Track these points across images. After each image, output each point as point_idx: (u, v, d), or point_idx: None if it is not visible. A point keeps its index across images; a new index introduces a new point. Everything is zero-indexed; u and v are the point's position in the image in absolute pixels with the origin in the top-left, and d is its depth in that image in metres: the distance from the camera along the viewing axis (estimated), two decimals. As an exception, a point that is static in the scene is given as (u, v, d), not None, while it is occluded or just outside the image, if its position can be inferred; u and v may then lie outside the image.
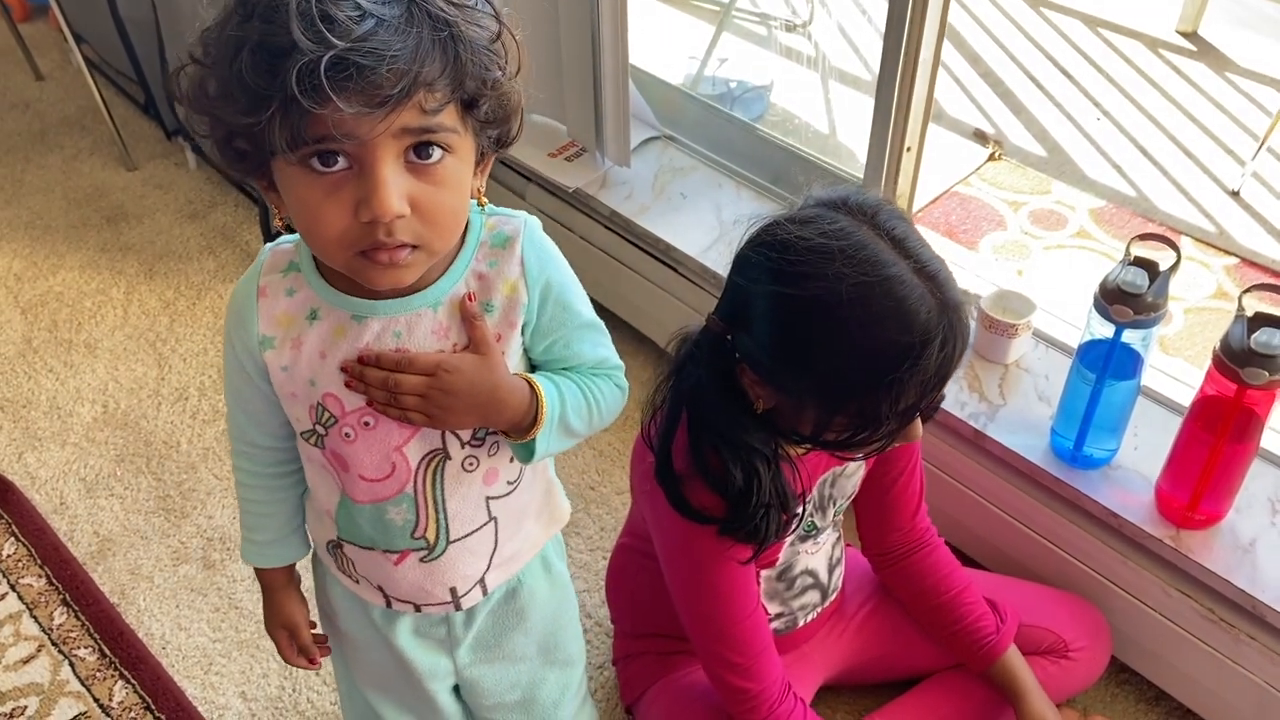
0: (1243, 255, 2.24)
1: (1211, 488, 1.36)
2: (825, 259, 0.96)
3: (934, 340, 0.97)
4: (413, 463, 0.94)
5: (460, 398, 0.87)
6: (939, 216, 2.34)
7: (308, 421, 0.94)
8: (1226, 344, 1.27)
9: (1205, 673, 1.42)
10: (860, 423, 1.02)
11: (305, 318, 0.90)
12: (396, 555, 0.99)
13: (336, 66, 0.70)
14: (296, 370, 0.91)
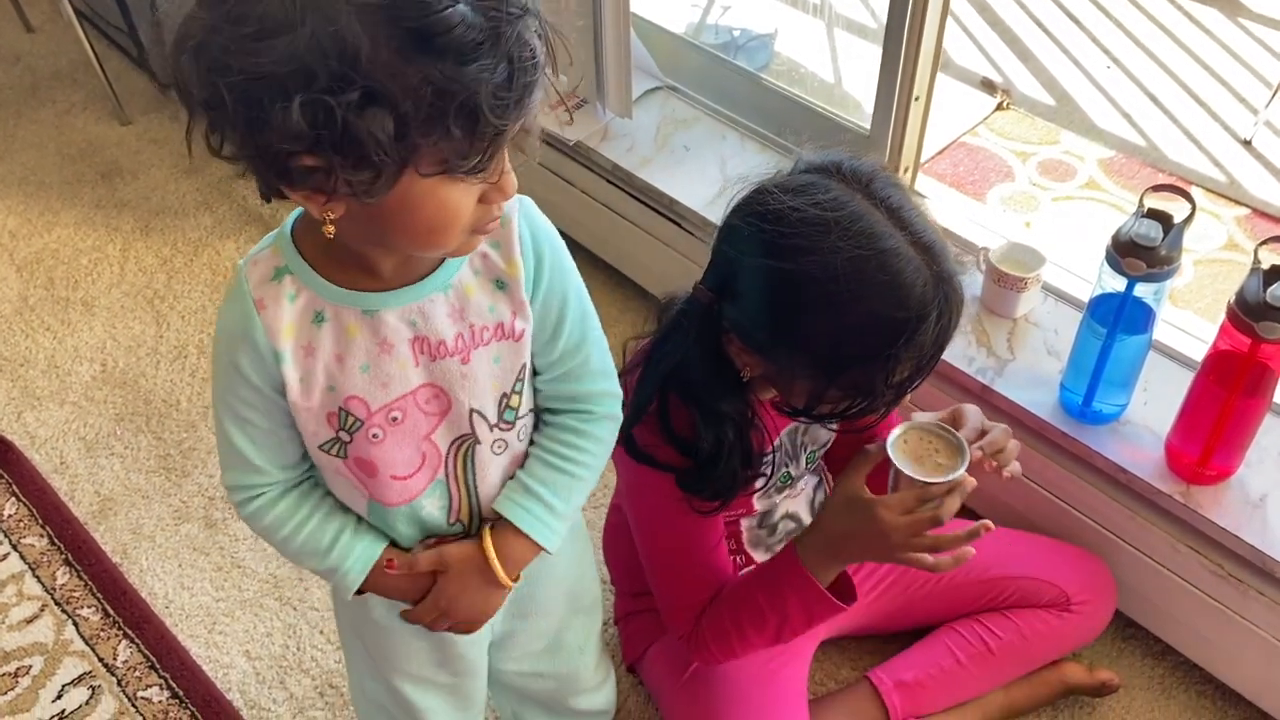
0: (1254, 206, 2.20)
1: (1223, 443, 1.34)
2: (820, 231, 0.94)
3: (930, 314, 0.95)
4: (443, 449, 0.93)
5: (469, 600, 0.98)
6: (946, 168, 2.30)
7: (327, 431, 0.90)
8: (1241, 298, 1.24)
9: (1212, 628, 1.41)
10: (855, 395, 1.00)
11: (312, 322, 0.87)
12: (435, 540, 0.99)
13: (526, 88, 0.73)
14: (312, 379, 0.88)
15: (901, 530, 1.03)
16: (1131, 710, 1.48)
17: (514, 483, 0.98)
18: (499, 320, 0.90)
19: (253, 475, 0.94)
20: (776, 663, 1.32)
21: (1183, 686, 1.50)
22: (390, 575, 0.97)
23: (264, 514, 0.96)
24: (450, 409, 0.91)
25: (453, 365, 0.90)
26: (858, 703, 1.40)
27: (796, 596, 1.11)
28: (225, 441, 0.93)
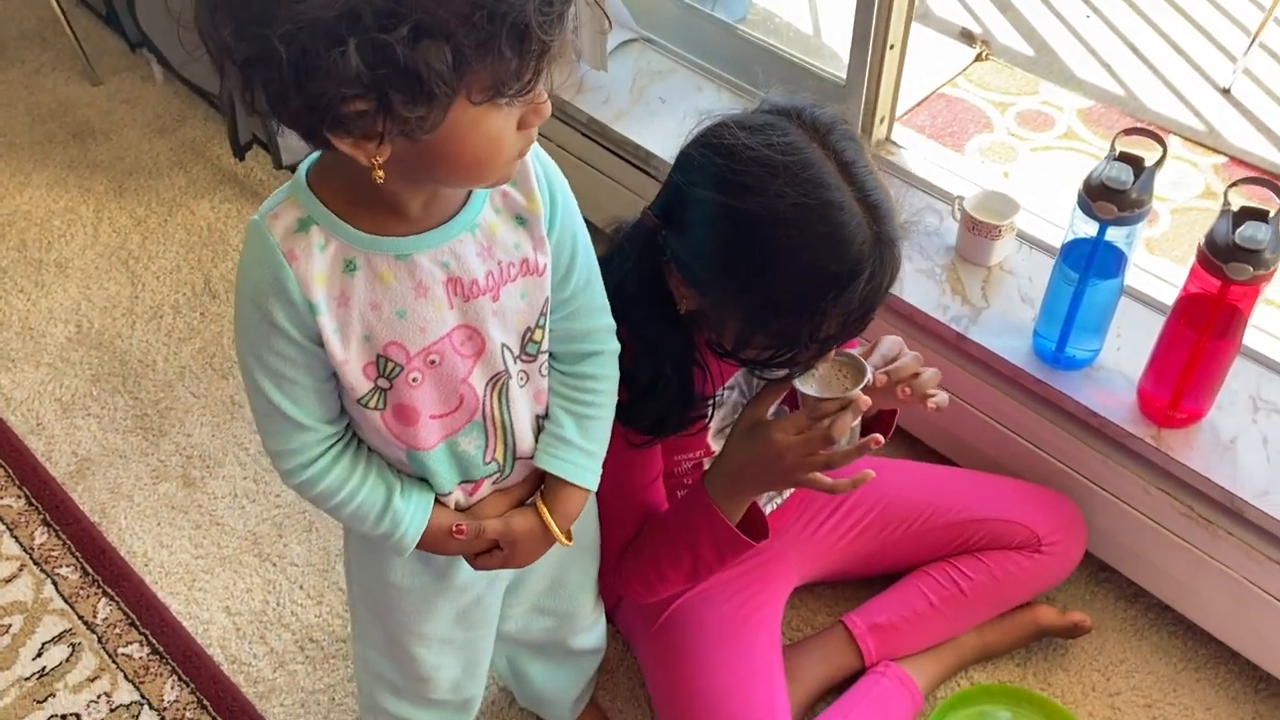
0: (1232, 154, 2.20)
1: (1193, 386, 1.35)
2: (768, 173, 0.94)
3: (863, 273, 0.95)
4: (479, 390, 0.94)
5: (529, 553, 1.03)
6: (925, 119, 2.29)
7: (366, 382, 0.90)
8: (1211, 240, 1.25)
9: (1183, 569, 1.42)
10: (779, 345, 1.00)
11: (344, 271, 0.85)
12: (473, 485, 1.00)
13: None
14: (349, 329, 0.87)
15: (795, 449, 1.04)
16: (1104, 651, 1.50)
17: (548, 438, 1.01)
18: (524, 256, 0.91)
19: (299, 435, 0.92)
20: (749, 607, 1.33)
21: (1154, 628, 1.52)
22: (456, 539, 1.00)
23: (316, 483, 0.95)
24: (484, 349, 0.92)
25: (485, 304, 0.90)
26: (832, 647, 1.41)
27: (707, 533, 1.12)
28: (266, 405, 0.91)
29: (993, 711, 1.44)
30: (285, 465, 0.94)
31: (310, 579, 1.61)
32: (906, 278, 1.56)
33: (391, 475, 0.98)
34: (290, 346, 0.87)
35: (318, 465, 0.94)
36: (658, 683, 1.34)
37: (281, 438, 0.93)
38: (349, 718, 1.47)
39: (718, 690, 1.25)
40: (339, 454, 0.95)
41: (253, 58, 0.70)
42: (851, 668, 1.41)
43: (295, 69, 0.69)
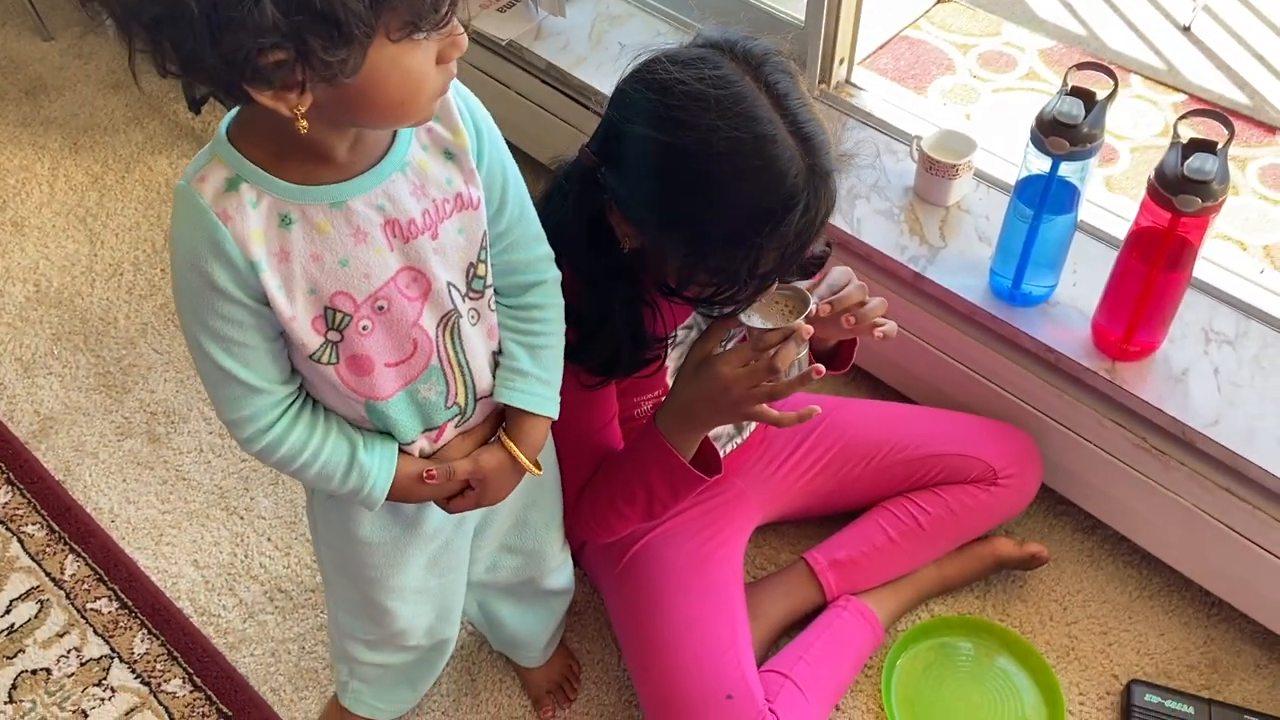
0: (1191, 92, 2.21)
1: (1146, 319, 1.37)
2: (700, 107, 0.93)
3: (797, 205, 0.95)
4: (432, 332, 0.94)
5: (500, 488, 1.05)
6: (887, 62, 2.29)
7: (317, 337, 0.89)
8: (1161, 172, 1.25)
9: (1137, 499, 1.45)
10: (720, 281, 1.01)
11: (279, 226, 0.84)
12: (436, 432, 1.00)
13: None
14: (293, 285, 0.86)
15: (741, 381, 1.06)
16: (1061, 581, 1.53)
17: (504, 372, 1.02)
18: (457, 191, 0.91)
19: (254, 399, 0.91)
20: (710, 546, 1.35)
21: (1110, 558, 1.56)
22: (428, 484, 1.00)
23: (278, 446, 0.94)
24: (430, 288, 0.92)
25: (425, 242, 0.90)
26: (794, 583, 1.44)
27: (659, 470, 1.14)
28: (217, 373, 0.89)
29: (953, 642, 1.47)
30: (244, 433, 0.93)
31: (278, 531, 1.62)
32: (865, 218, 1.58)
33: (352, 430, 0.98)
34: (235, 308, 0.86)
35: (277, 428, 0.93)
36: (622, 622, 1.36)
37: (236, 404, 0.91)
38: (320, 665, 1.48)
39: (680, 626, 1.27)
40: (296, 414, 0.94)
41: (161, 16, 0.69)
42: (813, 603, 1.44)
43: (208, 24, 0.68)
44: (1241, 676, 1.44)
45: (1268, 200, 2.00)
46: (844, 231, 1.57)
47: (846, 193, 1.62)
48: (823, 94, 1.77)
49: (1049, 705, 1.40)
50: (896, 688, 1.42)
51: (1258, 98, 2.18)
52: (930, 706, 1.41)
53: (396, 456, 0.98)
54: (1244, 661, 1.45)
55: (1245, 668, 1.45)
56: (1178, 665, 1.45)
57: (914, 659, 1.45)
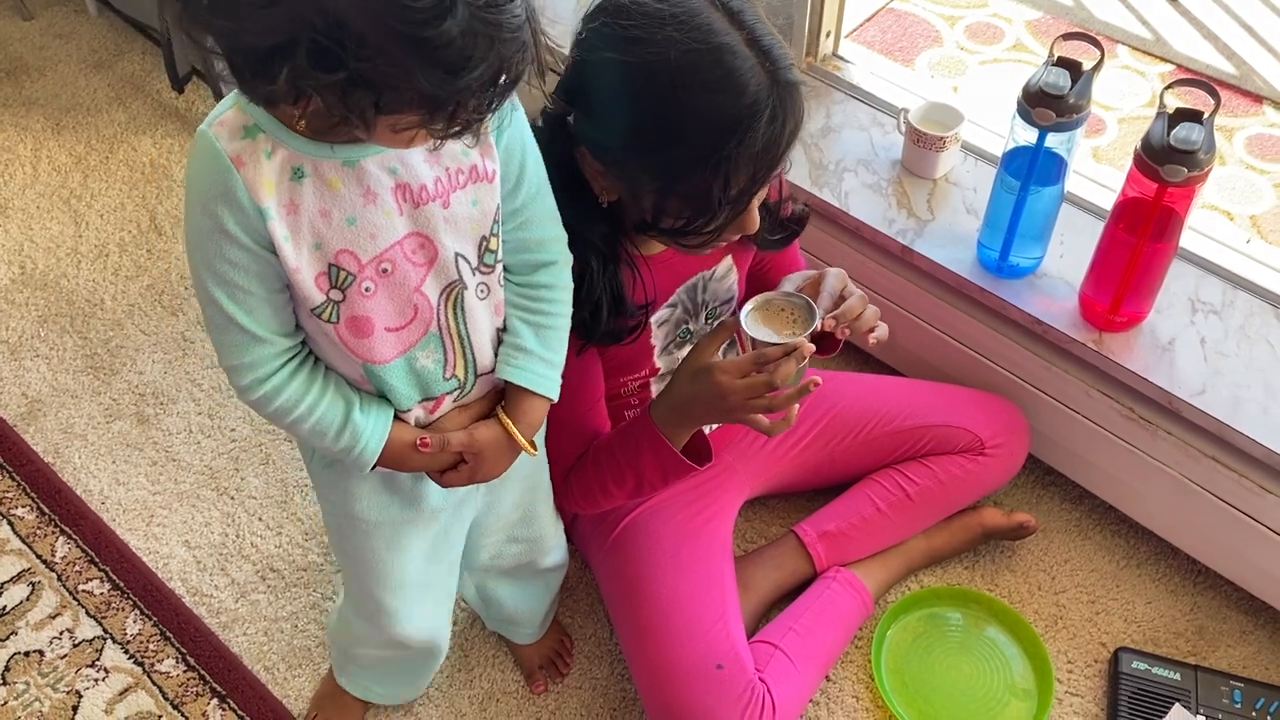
0: (1179, 62, 2.21)
1: (1133, 289, 1.37)
2: (656, 23, 0.94)
3: (762, 113, 0.94)
4: (433, 300, 0.94)
5: (495, 464, 1.03)
6: (875, 34, 2.28)
7: (319, 294, 0.89)
8: (1147, 142, 1.26)
9: (1125, 469, 1.46)
10: (695, 208, 1.00)
11: (291, 179, 0.85)
12: (433, 403, 1.00)
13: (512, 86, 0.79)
14: (300, 237, 0.86)
15: (738, 393, 1.06)
16: (1049, 551, 1.54)
17: (507, 349, 1.02)
18: (472, 163, 0.91)
19: (255, 348, 0.91)
20: (700, 519, 1.36)
21: (1098, 528, 1.57)
22: (421, 452, 1.00)
23: (274, 397, 0.93)
24: (437, 256, 0.92)
25: (435, 210, 0.90)
26: (784, 555, 1.45)
27: (651, 458, 1.15)
28: (221, 318, 0.89)
29: (942, 613, 1.48)
30: (242, 380, 0.93)
31: (268, 511, 1.62)
32: (852, 192, 1.58)
33: (350, 390, 0.98)
34: (242, 254, 0.86)
35: (275, 379, 0.93)
36: (613, 595, 1.36)
37: (237, 351, 0.91)
38: (313, 643, 1.49)
39: (670, 598, 1.28)
40: (296, 368, 0.94)
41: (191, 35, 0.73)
42: (803, 575, 1.44)
43: (230, 67, 0.74)
44: (1228, 643, 1.45)
45: (1254, 170, 2.00)
46: (832, 205, 1.57)
47: (834, 166, 1.62)
48: (809, 67, 1.76)
49: (1038, 674, 1.42)
50: (886, 658, 1.43)
51: (1244, 67, 2.18)
52: (920, 676, 1.42)
53: (391, 421, 0.98)
54: (1230, 628, 1.47)
55: (1231, 634, 1.46)
56: (1165, 633, 1.46)
57: (903, 629, 1.46)
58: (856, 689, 1.42)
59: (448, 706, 1.43)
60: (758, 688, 1.25)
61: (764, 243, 1.20)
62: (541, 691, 1.43)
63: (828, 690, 1.42)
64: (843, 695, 1.41)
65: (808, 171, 1.61)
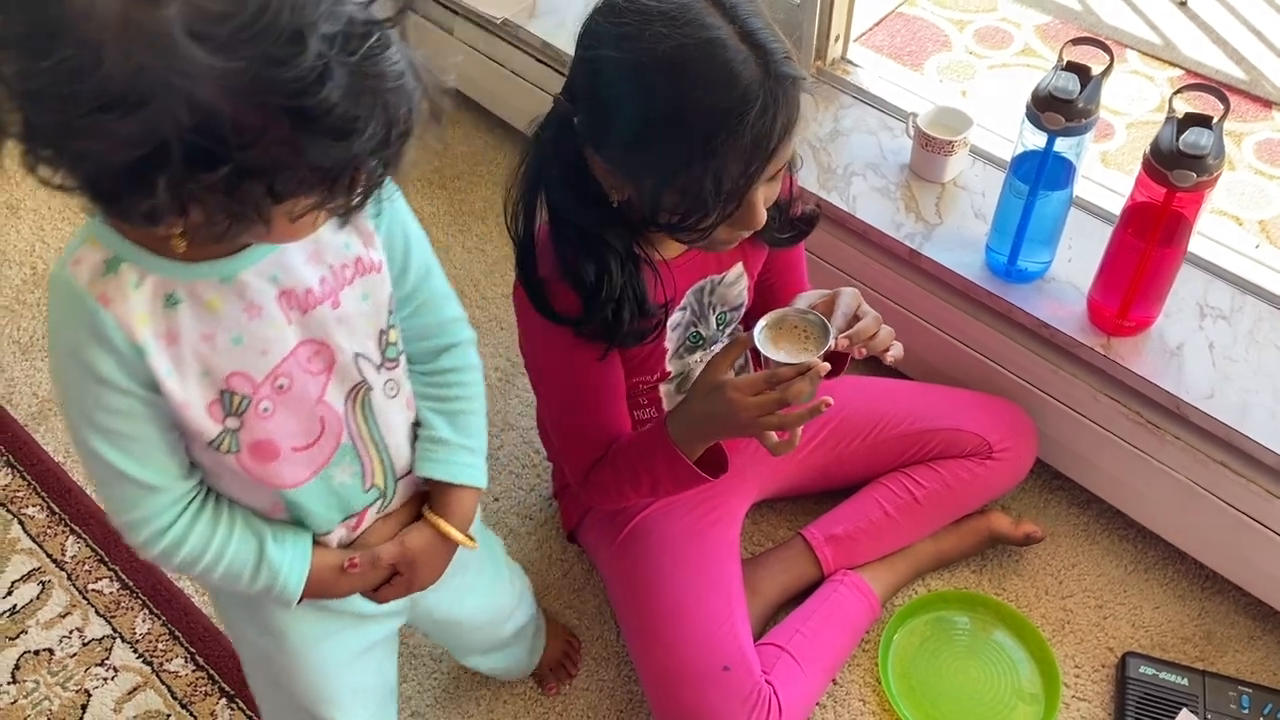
0: (1188, 67, 2.21)
1: (1141, 294, 1.37)
2: (646, 19, 0.94)
3: (752, 105, 0.94)
4: (339, 408, 0.88)
5: (432, 568, 0.99)
6: (883, 39, 2.28)
7: (214, 424, 0.82)
8: (1156, 147, 1.26)
9: (1133, 474, 1.46)
10: (687, 204, 0.99)
11: (165, 306, 0.77)
12: (356, 519, 0.95)
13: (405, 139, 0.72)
14: (184, 368, 0.79)
15: (751, 410, 1.06)
16: (1057, 556, 1.54)
17: (424, 444, 0.96)
18: (355, 255, 0.86)
19: (150, 499, 0.83)
20: (707, 521, 1.36)
21: (1105, 532, 1.56)
22: (350, 575, 0.93)
23: (178, 549, 0.86)
24: (335, 361, 0.86)
25: (325, 312, 0.84)
26: (791, 558, 1.45)
27: (667, 470, 1.15)
28: (107, 471, 0.82)
29: (949, 617, 1.48)
30: (139, 535, 0.85)
31: (278, 511, 1.62)
32: (861, 195, 1.58)
33: (259, 523, 0.90)
34: (122, 399, 0.79)
35: (176, 528, 0.85)
36: (620, 597, 1.36)
37: (130, 505, 0.84)
38: (321, 644, 1.49)
39: (677, 600, 1.28)
40: (197, 512, 0.86)
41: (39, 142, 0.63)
42: (811, 578, 1.45)
43: (94, 196, 0.64)
44: (1235, 648, 1.45)
45: (1263, 175, 2.00)
46: (840, 209, 1.57)
47: (842, 170, 1.62)
48: (819, 71, 1.77)
49: (1045, 678, 1.42)
50: (893, 662, 1.43)
51: (1254, 72, 2.18)
52: (927, 680, 1.42)
53: (311, 549, 0.92)
54: (1238, 634, 1.46)
55: (1239, 640, 1.46)
56: (1172, 638, 1.46)
57: (910, 633, 1.46)
58: (863, 692, 1.42)
59: (454, 708, 1.43)
60: (764, 690, 1.25)
61: (774, 241, 1.21)
62: (555, 693, 1.43)
63: (834, 693, 1.42)
64: (849, 698, 1.42)
65: (816, 175, 1.61)
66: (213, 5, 0.60)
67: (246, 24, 0.60)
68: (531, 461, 1.68)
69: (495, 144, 2.13)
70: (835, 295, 1.14)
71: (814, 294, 1.16)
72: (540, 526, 1.60)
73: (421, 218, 0.94)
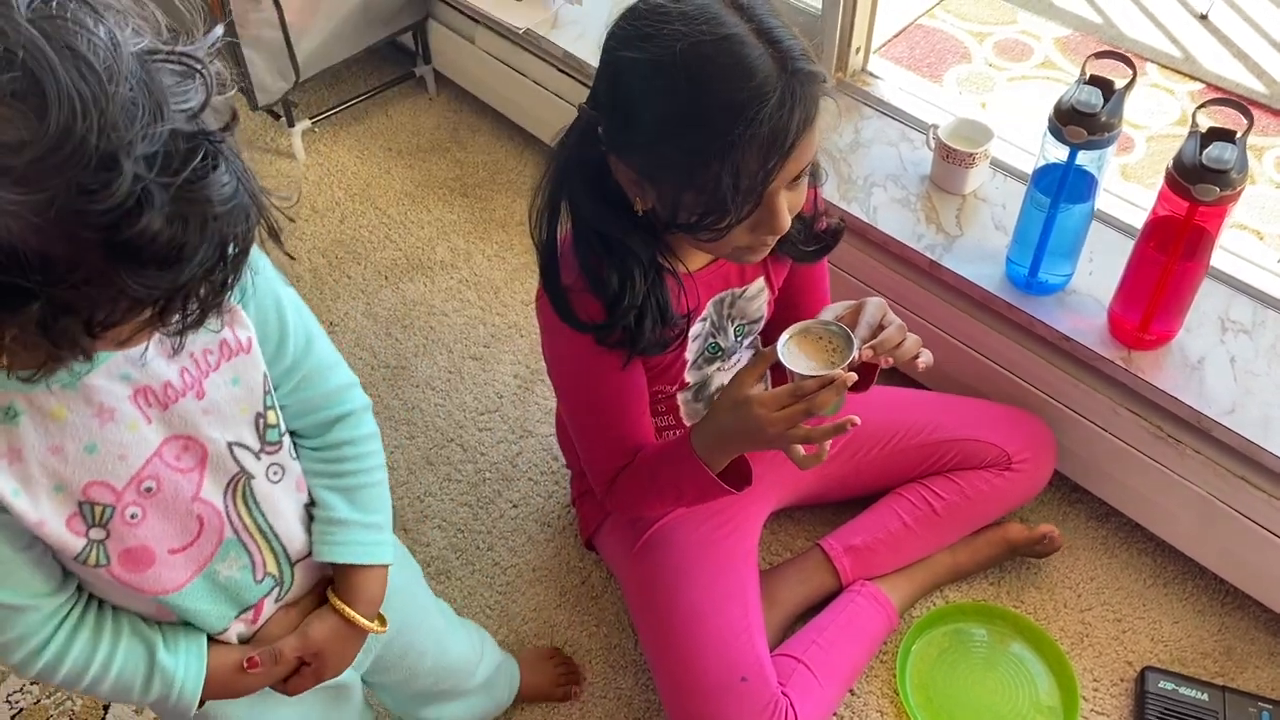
0: (1209, 81, 2.21)
1: (1163, 308, 1.37)
2: (663, 20, 0.95)
3: (769, 98, 0.94)
4: (218, 504, 0.82)
5: (341, 657, 0.94)
6: (903, 50, 2.29)
7: (76, 539, 0.75)
8: (1179, 161, 1.26)
9: (1153, 488, 1.46)
10: (706, 202, 0.99)
11: (3, 422, 0.71)
12: (252, 612, 0.88)
13: (241, 259, 0.66)
14: (33, 485, 0.72)
15: (777, 423, 1.06)
16: (1075, 569, 1.54)
17: (320, 526, 0.91)
18: (221, 339, 0.79)
19: (20, 619, 0.77)
20: (725, 530, 1.36)
21: (1124, 546, 1.56)
22: (251, 674, 0.87)
23: (59, 666, 0.79)
24: (206, 453, 0.80)
25: (189, 405, 0.78)
26: (810, 569, 1.45)
27: (691, 481, 1.15)
28: None
29: (967, 629, 1.48)
30: (15, 656, 0.78)
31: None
32: (881, 207, 1.58)
33: (147, 628, 0.84)
34: None
35: (54, 645, 0.79)
36: (637, 605, 1.37)
37: (3, 629, 0.77)
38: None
39: (694, 610, 1.29)
40: (77, 622, 0.80)
41: None
42: (829, 589, 1.45)
43: None
44: (1256, 664, 1.44)
45: (1285, 189, 2.00)
46: (860, 219, 1.57)
47: (863, 181, 1.63)
48: (839, 82, 1.77)
49: (1063, 691, 1.41)
50: (911, 673, 1.43)
51: (1275, 86, 2.17)
52: (944, 692, 1.42)
53: (206, 650, 0.85)
54: (1258, 649, 1.46)
55: (1259, 655, 1.45)
56: (1192, 653, 1.46)
57: (928, 645, 1.46)
58: (881, 704, 1.42)
59: (472, 713, 1.43)
60: (781, 701, 1.25)
61: (798, 254, 1.21)
62: (575, 696, 1.43)
63: (851, 704, 1.42)
64: (867, 710, 1.41)
65: (836, 185, 1.62)
66: (6, 134, 0.53)
67: (48, 151, 0.54)
68: (550, 468, 1.68)
69: (515, 152, 2.15)
70: (860, 305, 1.14)
71: (840, 305, 1.17)
72: (558, 534, 1.61)
73: (442, 225, 0.94)
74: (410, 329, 1.89)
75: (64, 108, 0.54)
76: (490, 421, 1.75)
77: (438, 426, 1.75)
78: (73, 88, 0.54)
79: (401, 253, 2.00)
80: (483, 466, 1.69)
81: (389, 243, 2.01)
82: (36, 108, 0.54)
